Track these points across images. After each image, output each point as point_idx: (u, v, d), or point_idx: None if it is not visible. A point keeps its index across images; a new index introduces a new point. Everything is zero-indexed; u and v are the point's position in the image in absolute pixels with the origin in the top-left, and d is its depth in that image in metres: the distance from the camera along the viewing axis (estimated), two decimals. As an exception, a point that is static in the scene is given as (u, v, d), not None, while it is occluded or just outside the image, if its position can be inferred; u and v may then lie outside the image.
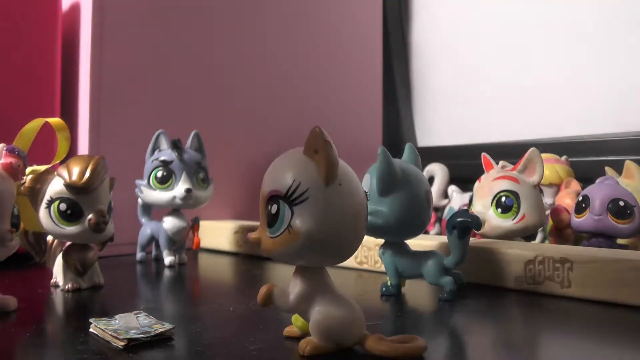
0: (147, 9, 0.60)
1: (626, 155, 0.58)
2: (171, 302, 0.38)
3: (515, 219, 0.43)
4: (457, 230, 0.35)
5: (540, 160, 0.43)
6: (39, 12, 0.55)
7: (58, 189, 0.36)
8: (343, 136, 0.79)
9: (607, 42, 0.76)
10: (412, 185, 0.35)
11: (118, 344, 0.25)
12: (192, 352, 0.25)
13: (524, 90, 0.86)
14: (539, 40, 0.84)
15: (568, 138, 0.78)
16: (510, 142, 0.83)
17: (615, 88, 0.75)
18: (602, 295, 0.34)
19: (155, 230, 0.51)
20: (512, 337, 0.27)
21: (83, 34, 0.57)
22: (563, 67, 0.81)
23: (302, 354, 0.24)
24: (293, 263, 0.25)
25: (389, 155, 0.34)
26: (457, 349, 0.26)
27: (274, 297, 0.24)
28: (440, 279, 0.35)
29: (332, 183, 0.23)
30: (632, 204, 0.44)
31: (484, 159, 0.48)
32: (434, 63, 1.02)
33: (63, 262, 0.39)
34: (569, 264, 0.36)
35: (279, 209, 0.23)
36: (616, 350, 0.26)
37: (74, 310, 0.34)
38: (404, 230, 0.36)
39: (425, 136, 1.02)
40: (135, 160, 0.53)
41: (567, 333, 0.29)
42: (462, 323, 0.31)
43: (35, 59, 0.55)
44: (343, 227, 0.23)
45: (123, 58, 0.58)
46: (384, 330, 0.25)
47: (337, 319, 0.24)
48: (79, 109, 0.57)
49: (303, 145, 0.24)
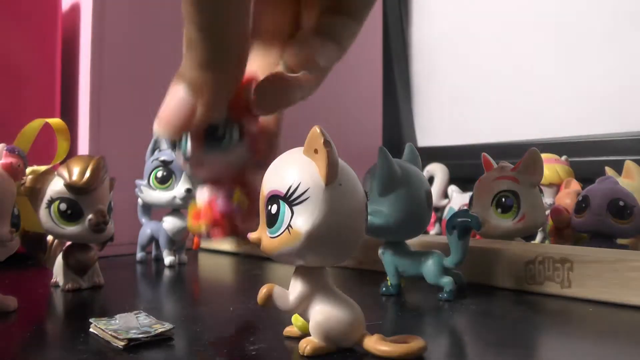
0: (147, 9, 0.60)
1: (626, 155, 0.58)
2: (171, 302, 0.38)
3: (515, 219, 0.43)
4: (457, 230, 0.35)
5: (540, 160, 0.43)
6: (39, 12, 0.55)
7: (58, 189, 0.36)
8: (343, 136, 0.79)
9: (607, 42, 0.76)
10: (412, 185, 0.35)
11: (118, 344, 0.25)
12: (192, 352, 0.25)
13: (524, 90, 0.86)
14: (539, 40, 0.84)
15: (568, 138, 0.78)
16: (510, 142, 0.83)
17: (615, 88, 0.75)
18: (602, 295, 0.34)
19: (155, 230, 0.51)
20: (512, 337, 0.27)
21: (83, 34, 0.57)
22: (563, 67, 0.81)
23: (302, 354, 0.24)
24: (293, 263, 0.25)
25: (389, 155, 0.34)
26: (457, 349, 0.26)
27: (274, 297, 0.24)
28: (440, 279, 0.35)
29: (332, 183, 0.23)
30: (632, 204, 0.44)
31: (484, 159, 0.48)
32: (434, 63, 1.02)
33: (63, 262, 0.39)
34: (569, 264, 0.36)
35: (279, 209, 0.23)
36: (616, 350, 0.26)
37: (74, 310, 0.34)
38: (404, 230, 0.36)
39: (425, 136, 1.02)
40: (135, 160, 0.53)
41: (567, 333, 0.29)
42: (462, 323, 0.31)
43: (35, 59, 0.55)
44: (343, 227, 0.23)
45: (123, 58, 0.58)
46: (384, 330, 0.25)
47: (337, 319, 0.24)
48: (79, 109, 0.57)
49: (303, 145, 0.24)
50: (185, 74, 0.28)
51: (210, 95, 0.27)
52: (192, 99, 0.27)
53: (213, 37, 0.26)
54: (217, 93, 0.28)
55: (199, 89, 0.27)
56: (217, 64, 0.27)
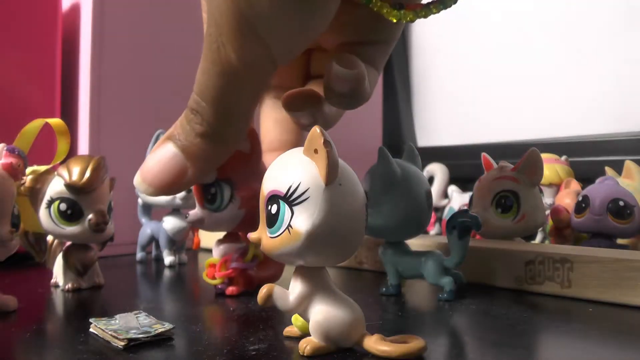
0: (147, 9, 0.60)
1: (626, 155, 0.58)
2: (171, 302, 0.38)
3: (515, 219, 0.43)
4: (457, 230, 0.35)
5: (540, 160, 0.43)
6: (39, 12, 0.55)
7: (58, 189, 0.36)
8: (343, 136, 0.79)
9: (607, 42, 0.76)
10: (412, 185, 0.35)
11: (118, 344, 0.25)
12: (192, 352, 0.25)
13: (524, 90, 0.86)
14: (539, 40, 0.84)
15: (568, 138, 0.78)
16: (510, 142, 0.83)
17: (615, 88, 0.75)
18: (602, 295, 0.34)
19: (155, 230, 0.51)
20: (512, 337, 0.27)
21: (83, 34, 0.57)
22: (563, 67, 0.81)
23: (302, 354, 0.24)
24: (293, 263, 0.25)
25: (388, 155, 0.34)
26: (457, 349, 0.26)
27: (274, 297, 0.24)
28: (440, 279, 0.35)
29: (332, 183, 0.23)
30: (632, 204, 0.44)
31: (484, 159, 0.48)
32: (434, 63, 1.02)
33: (63, 262, 0.39)
34: (569, 264, 0.36)
35: (279, 209, 0.23)
36: (616, 350, 0.26)
37: (74, 310, 0.34)
38: (404, 230, 0.36)
39: (425, 136, 1.02)
40: (135, 160, 0.53)
41: (567, 333, 0.29)
42: (462, 323, 0.31)
43: (35, 59, 0.55)
44: (343, 227, 0.23)
45: (123, 58, 0.58)
46: (384, 330, 0.25)
47: (337, 319, 0.24)
48: (79, 109, 0.57)
49: (303, 145, 0.24)
50: (180, 137, 0.27)
51: (205, 164, 0.27)
52: (185, 161, 0.27)
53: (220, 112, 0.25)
54: (213, 161, 0.28)
55: (194, 155, 0.27)
56: (218, 137, 0.26)
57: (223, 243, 0.37)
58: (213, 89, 0.25)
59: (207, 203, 0.33)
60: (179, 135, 0.27)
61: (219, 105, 0.25)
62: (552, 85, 0.82)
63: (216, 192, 0.33)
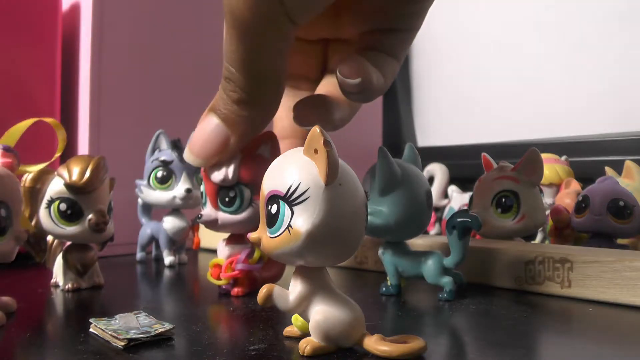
0: (147, 9, 0.60)
1: (626, 155, 0.58)
2: (171, 302, 0.38)
3: (515, 219, 0.43)
4: (457, 230, 0.35)
5: (540, 160, 0.43)
6: (39, 12, 0.55)
7: (58, 189, 0.36)
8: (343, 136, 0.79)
9: (607, 42, 0.76)
10: (412, 185, 0.35)
11: (118, 344, 0.25)
12: (192, 352, 0.25)
13: (524, 90, 0.86)
14: (538, 40, 0.84)
15: (568, 138, 0.78)
16: (510, 142, 0.83)
17: (615, 88, 0.75)
18: (602, 295, 0.34)
19: (155, 230, 0.51)
20: (512, 337, 0.27)
21: (83, 34, 0.57)
22: (563, 67, 0.81)
23: (302, 354, 0.24)
24: (293, 263, 0.25)
25: (389, 155, 0.34)
26: (457, 349, 0.26)
27: (274, 297, 0.24)
28: (440, 279, 0.35)
29: (332, 183, 0.23)
30: (632, 204, 0.44)
31: (484, 159, 0.48)
32: (434, 63, 1.02)
33: (63, 262, 0.39)
34: (569, 264, 0.36)
35: (279, 209, 0.23)
36: (616, 350, 0.26)
37: (74, 310, 0.34)
38: (404, 230, 0.36)
39: (425, 136, 1.02)
40: (135, 160, 0.53)
41: (567, 333, 0.29)
42: (462, 323, 0.31)
43: (35, 59, 0.55)
44: (343, 227, 0.23)
45: (123, 58, 0.58)
46: (384, 330, 0.25)
47: (337, 319, 0.24)
48: (79, 109, 0.57)
49: (303, 146, 0.24)
50: (219, 107, 0.28)
51: (245, 129, 0.28)
52: (226, 130, 0.28)
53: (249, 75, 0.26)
54: (252, 127, 0.29)
55: (233, 123, 0.28)
56: (253, 102, 0.27)
57: (229, 244, 0.37)
58: (237, 53, 0.26)
59: (222, 205, 0.34)
60: (218, 106, 0.28)
61: (246, 69, 0.26)
62: (552, 86, 0.82)
63: (235, 195, 0.33)
